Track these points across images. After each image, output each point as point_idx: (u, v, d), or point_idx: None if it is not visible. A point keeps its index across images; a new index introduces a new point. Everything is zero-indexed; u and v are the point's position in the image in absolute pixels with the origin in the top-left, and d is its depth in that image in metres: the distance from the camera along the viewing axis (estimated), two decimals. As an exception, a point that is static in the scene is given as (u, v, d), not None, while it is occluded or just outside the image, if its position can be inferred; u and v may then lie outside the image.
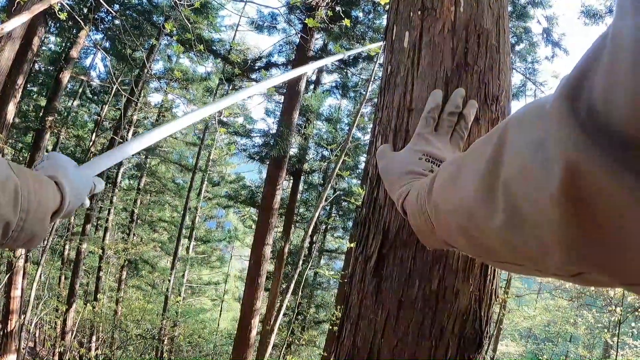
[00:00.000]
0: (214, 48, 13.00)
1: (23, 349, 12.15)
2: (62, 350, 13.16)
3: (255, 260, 10.06)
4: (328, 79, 15.71)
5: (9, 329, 10.98)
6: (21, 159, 17.16)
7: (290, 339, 13.11)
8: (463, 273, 0.91)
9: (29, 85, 14.79)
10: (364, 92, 15.82)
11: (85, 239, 13.24)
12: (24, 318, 10.30)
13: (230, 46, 13.62)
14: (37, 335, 15.03)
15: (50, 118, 11.99)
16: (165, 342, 14.47)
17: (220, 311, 24.18)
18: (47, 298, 14.03)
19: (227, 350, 16.82)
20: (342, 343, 1.00)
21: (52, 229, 7.93)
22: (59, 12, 5.64)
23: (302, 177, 13.65)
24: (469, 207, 0.49)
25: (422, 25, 1.01)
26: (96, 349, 15.02)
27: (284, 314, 15.91)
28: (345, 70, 14.61)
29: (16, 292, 11.24)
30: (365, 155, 13.78)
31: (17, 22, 3.68)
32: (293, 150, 12.10)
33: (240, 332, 10.60)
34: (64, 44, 15.20)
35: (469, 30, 0.99)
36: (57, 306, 13.91)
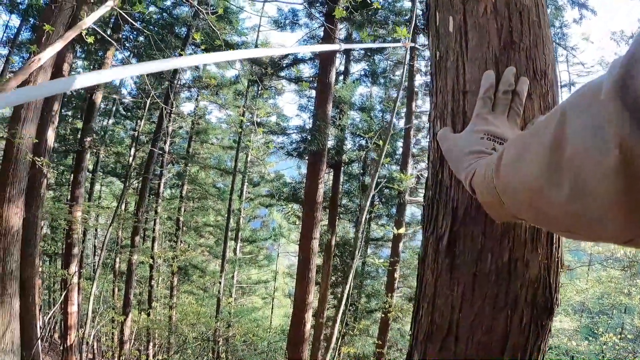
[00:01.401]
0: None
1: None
2: (122, 359, 13.55)
3: (304, 255, 10.11)
4: (356, 68, 15.66)
5: (68, 344, 11.40)
6: (64, 180, 17.71)
7: (344, 330, 13.18)
8: (531, 244, 0.95)
9: (63, 110, 15.21)
10: (395, 77, 15.73)
11: (135, 250, 13.57)
12: (83, 331, 10.65)
13: (256, 47, 13.73)
14: (95, 347, 15.50)
15: (88, 139, 12.31)
16: (220, 343, 14.71)
17: (272, 308, 24.45)
18: (102, 310, 14.44)
19: (282, 347, 17.00)
20: (420, 322, 1.04)
21: (103, 244, 8.20)
22: (87, 36, 5.78)
23: (342, 168, 13.68)
24: (536, 183, 0.54)
25: (464, 9, 1.04)
26: (154, 355, 15.39)
27: (335, 307, 15.99)
28: (372, 58, 14.54)
29: (72, 308, 11.65)
30: (402, 140, 13.69)
31: (52, 52, 3.80)
32: (330, 143, 12.13)
33: (293, 327, 10.68)
34: (91, 67, 15.57)
35: (510, 9, 1.01)
36: (113, 317, 14.33)
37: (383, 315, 12.75)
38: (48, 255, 17.48)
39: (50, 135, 9.50)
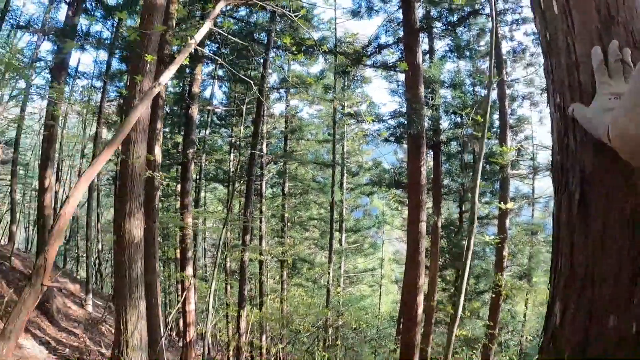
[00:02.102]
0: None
1: (200, 355, 13.45)
2: (243, 351, 14.26)
3: (412, 238, 10.05)
4: (439, 45, 15.25)
5: (187, 339, 12.26)
6: (170, 191, 18.85)
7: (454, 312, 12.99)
8: None
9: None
10: (480, 48, 15.22)
11: (247, 248, 14.16)
12: (206, 325, 11.35)
13: (338, 40, 13.84)
14: (211, 341, 16.32)
15: (191, 150, 13.03)
16: (330, 332, 14.97)
17: (380, 296, 24.58)
18: (217, 307, 15.21)
19: (391, 333, 17.08)
20: (559, 272, 1.17)
21: (218, 246, 8.69)
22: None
23: (441, 148, 13.48)
24: None
25: None
26: (267, 347, 15.97)
27: (444, 289, 15.82)
28: (455, 32, 14.13)
29: (190, 307, 12.58)
30: (498, 112, 13.25)
31: (169, 75, 4.10)
32: (426, 124, 11.95)
33: (405, 311, 10.65)
34: (181, 83, 16.41)
35: None
36: (227, 313, 15.06)
37: (493, 296, 12.48)
38: (161, 261, 18.69)
39: (157, 151, 10.22)
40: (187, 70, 13.63)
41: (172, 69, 4.00)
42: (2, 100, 14.50)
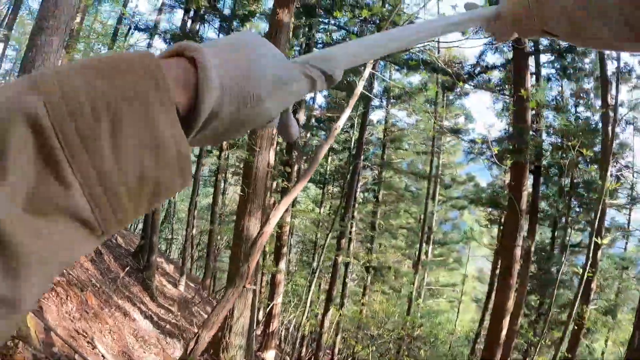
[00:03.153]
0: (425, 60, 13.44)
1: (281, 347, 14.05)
2: (317, 347, 14.75)
3: (506, 262, 10.21)
4: (544, 60, 14.80)
5: (270, 330, 12.90)
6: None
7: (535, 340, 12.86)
8: None
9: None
10: (584, 66, 14.72)
11: (341, 252, 14.65)
12: (302, 317, 11.84)
13: (446, 61, 14.07)
14: (287, 335, 16.97)
15: (295, 153, 13.75)
16: (405, 342, 15.10)
17: (458, 312, 24.36)
18: (297, 304, 15.82)
19: (463, 352, 17.01)
20: None
21: (323, 247, 9.27)
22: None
23: (541, 172, 13.29)
24: None
25: None
26: (339, 351, 16.35)
27: (525, 315, 15.53)
28: (563, 56, 13.84)
29: (278, 299, 13.37)
30: (601, 137, 12.79)
31: (344, 118, 4.69)
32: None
33: (489, 330, 10.83)
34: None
35: None
36: (311, 311, 15.57)
37: (575, 328, 12.17)
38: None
39: (272, 154, 10.97)
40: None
41: (347, 112, 4.58)
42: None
